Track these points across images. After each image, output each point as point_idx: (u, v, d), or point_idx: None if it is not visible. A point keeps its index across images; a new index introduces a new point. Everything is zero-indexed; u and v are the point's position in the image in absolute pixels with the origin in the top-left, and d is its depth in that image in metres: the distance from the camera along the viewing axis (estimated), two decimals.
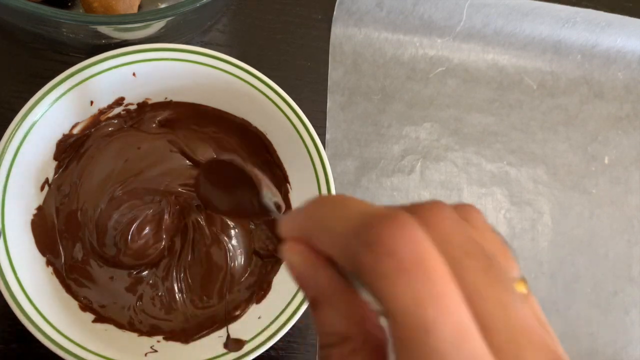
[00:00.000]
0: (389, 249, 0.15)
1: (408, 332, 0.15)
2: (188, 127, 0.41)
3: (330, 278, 0.18)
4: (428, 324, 0.15)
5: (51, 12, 0.34)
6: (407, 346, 0.15)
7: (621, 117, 0.54)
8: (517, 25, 0.52)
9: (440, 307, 0.15)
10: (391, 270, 0.15)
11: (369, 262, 0.16)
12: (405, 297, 0.15)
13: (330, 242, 0.18)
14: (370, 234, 0.16)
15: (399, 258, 0.15)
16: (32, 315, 0.33)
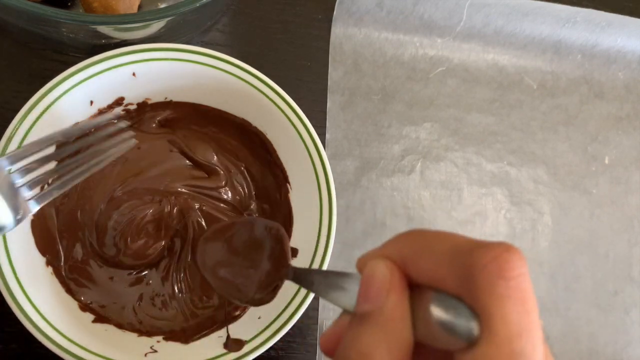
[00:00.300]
0: (503, 271, 0.17)
1: (504, 352, 0.16)
2: (188, 127, 0.41)
3: (400, 304, 0.18)
4: (524, 353, 0.16)
5: (51, 12, 0.34)
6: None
7: (621, 117, 0.54)
8: (518, 25, 0.52)
9: (534, 344, 0.17)
10: (502, 292, 0.17)
11: (483, 282, 0.17)
12: (513, 322, 0.16)
13: (435, 262, 0.18)
14: (485, 258, 0.17)
15: (511, 281, 0.17)
16: (32, 315, 0.33)
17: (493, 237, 0.49)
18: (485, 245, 0.17)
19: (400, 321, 0.18)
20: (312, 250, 0.37)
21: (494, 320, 0.17)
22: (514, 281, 0.17)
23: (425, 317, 0.18)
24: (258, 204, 0.41)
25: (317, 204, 0.38)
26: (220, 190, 0.40)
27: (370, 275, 0.19)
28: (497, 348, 0.16)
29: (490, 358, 0.16)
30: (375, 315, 0.18)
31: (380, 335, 0.18)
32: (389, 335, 0.18)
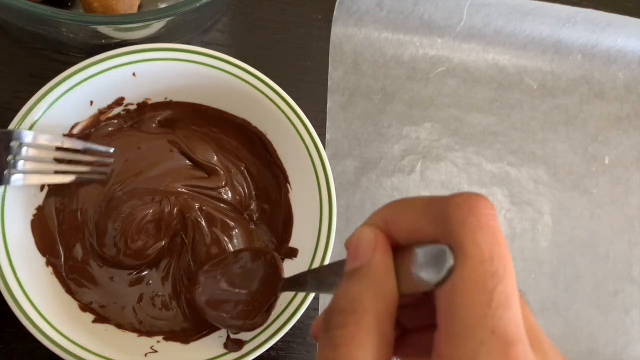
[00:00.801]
0: (473, 209, 0.19)
1: (479, 272, 0.18)
2: (188, 127, 0.41)
3: (385, 259, 0.20)
4: (497, 273, 0.18)
5: (51, 12, 0.34)
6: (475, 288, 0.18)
7: (621, 117, 0.54)
8: (518, 25, 0.52)
9: (508, 265, 0.18)
10: (474, 224, 0.18)
11: (457, 217, 0.19)
12: (485, 248, 0.18)
13: (413, 215, 0.20)
14: (457, 200, 0.19)
15: (481, 216, 0.19)
16: (32, 315, 0.33)
17: None
18: (457, 193, 0.19)
19: (386, 273, 0.20)
20: (312, 250, 0.37)
21: (466, 245, 0.18)
22: (484, 217, 0.19)
23: (407, 269, 0.20)
24: (258, 204, 0.41)
25: (317, 204, 0.38)
26: (220, 190, 0.40)
27: (357, 239, 0.21)
28: (471, 269, 0.18)
29: (466, 279, 0.18)
30: (363, 269, 0.20)
31: (367, 284, 0.20)
32: (375, 285, 0.20)
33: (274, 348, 0.39)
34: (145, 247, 0.38)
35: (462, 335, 0.17)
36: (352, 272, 0.21)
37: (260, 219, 0.41)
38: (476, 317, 0.17)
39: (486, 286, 0.18)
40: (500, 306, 0.17)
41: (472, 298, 0.18)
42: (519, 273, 0.49)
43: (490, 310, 0.17)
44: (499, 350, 0.17)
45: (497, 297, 0.17)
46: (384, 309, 0.19)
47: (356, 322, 0.19)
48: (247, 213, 0.41)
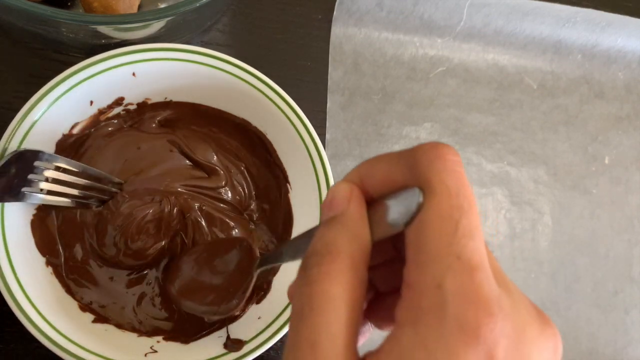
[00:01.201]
0: (440, 154, 0.20)
1: (445, 206, 0.19)
2: (188, 127, 0.41)
3: (359, 208, 0.21)
4: (462, 207, 0.19)
5: (51, 12, 0.34)
6: (442, 220, 0.19)
7: (621, 117, 0.54)
8: (518, 25, 0.52)
9: (472, 202, 0.19)
10: (441, 166, 0.20)
11: (425, 161, 0.20)
12: (451, 185, 0.19)
13: (386, 164, 0.21)
14: (425, 148, 0.20)
15: (447, 161, 0.20)
16: (32, 316, 0.33)
17: (493, 236, 0.49)
18: (425, 142, 0.21)
19: (359, 221, 0.21)
20: None
21: (434, 183, 0.19)
22: (450, 162, 0.20)
23: (380, 216, 0.21)
24: (258, 204, 0.41)
25: (317, 204, 0.38)
26: (220, 190, 0.40)
27: (332, 193, 0.22)
28: (438, 203, 0.19)
29: (433, 212, 0.19)
30: (338, 217, 0.21)
31: (342, 230, 0.21)
32: (350, 230, 0.21)
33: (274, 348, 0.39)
34: (145, 247, 0.38)
35: (429, 262, 0.18)
36: (328, 221, 0.21)
37: (260, 219, 0.41)
38: (442, 244, 0.18)
39: (452, 217, 0.19)
40: (465, 236, 0.18)
41: (439, 228, 0.19)
42: (519, 273, 0.49)
43: (456, 238, 0.18)
44: (465, 273, 0.18)
45: (462, 227, 0.18)
46: (358, 252, 0.20)
47: (331, 261, 0.20)
48: (247, 213, 0.41)
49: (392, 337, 0.19)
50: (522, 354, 0.18)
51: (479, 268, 0.18)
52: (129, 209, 0.38)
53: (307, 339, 0.19)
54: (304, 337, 0.19)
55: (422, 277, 0.18)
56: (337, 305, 0.19)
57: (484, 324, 0.17)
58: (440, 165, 0.20)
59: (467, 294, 0.18)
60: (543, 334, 0.19)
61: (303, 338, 0.19)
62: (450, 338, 0.17)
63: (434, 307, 0.18)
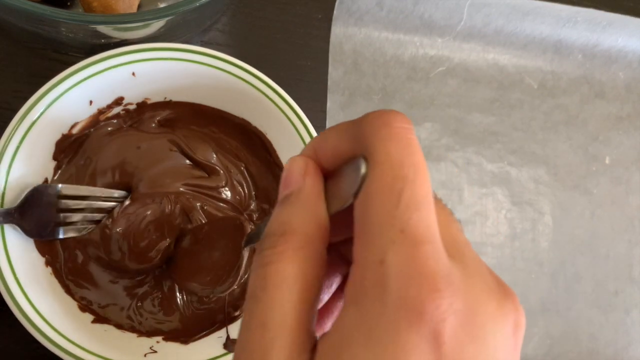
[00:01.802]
0: (387, 121, 0.19)
1: (387, 176, 0.18)
2: (187, 127, 0.41)
3: (315, 184, 0.21)
4: (407, 177, 0.18)
5: (50, 12, 0.34)
6: (383, 192, 0.18)
7: (622, 117, 0.54)
8: (518, 25, 0.52)
9: (419, 170, 0.18)
10: (385, 134, 0.19)
11: (369, 130, 0.19)
12: (394, 154, 0.18)
13: (336, 137, 0.21)
14: (372, 115, 0.19)
15: (394, 128, 0.19)
16: (31, 316, 0.33)
17: (493, 237, 0.49)
18: (375, 111, 0.20)
19: (315, 196, 0.20)
20: None
21: (377, 154, 0.18)
22: (397, 129, 0.19)
23: (333, 188, 0.21)
24: (258, 204, 0.41)
25: None
26: (220, 190, 0.40)
27: (288, 169, 0.21)
28: (379, 174, 0.18)
29: (374, 184, 0.18)
30: (294, 194, 0.20)
31: (297, 208, 0.20)
32: (304, 207, 0.20)
33: None
34: (150, 247, 0.37)
35: (372, 236, 0.18)
36: (283, 199, 0.21)
37: (260, 219, 0.41)
38: (385, 217, 0.17)
39: (394, 189, 0.18)
40: (409, 207, 0.17)
41: (381, 201, 0.18)
42: (519, 273, 0.49)
43: (399, 211, 0.17)
44: (408, 247, 0.17)
45: (406, 198, 0.17)
46: (314, 229, 0.20)
47: (285, 241, 0.19)
48: (247, 213, 0.41)
49: (338, 317, 0.18)
50: (474, 331, 0.17)
51: (425, 241, 0.17)
52: (130, 211, 0.38)
53: (258, 320, 0.18)
54: (255, 318, 0.18)
55: (366, 252, 0.18)
56: (290, 285, 0.18)
57: (428, 300, 0.16)
58: (385, 133, 0.19)
59: (411, 269, 0.17)
60: (501, 309, 0.18)
61: (254, 319, 0.18)
62: (392, 317, 0.16)
63: (377, 284, 0.17)
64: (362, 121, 0.20)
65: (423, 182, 0.18)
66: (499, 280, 0.19)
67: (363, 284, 0.17)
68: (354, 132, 0.20)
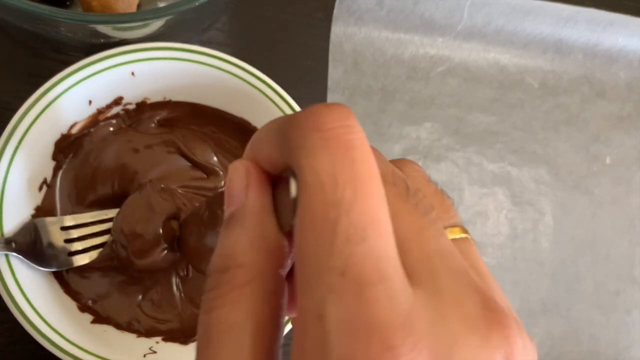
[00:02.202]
0: (316, 124, 0.15)
1: (317, 203, 0.14)
2: (187, 127, 0.41)
3: (259, 198, 0.17)
4: (342, 200, 0.14)
5: (49, 11, 0.34)
6: (315, 225, 0.14)
7: (623, 117, 0.54)
8: (519, 24, 0.52)
9: (360, 186, 0.14)
10: (315, 142, 0.14)
11: (295, 137, 0.15)
12: (323, 171, 0.14)
13: (268, 139, 0.17)
14: (299, 116, 0.15)
15: (325, 131, 0.14)
16: (30, 316, 0.33)
17: (494, 237, 0.49)
18: (305, 108, 0.15)
19: (260, 213, 0.17)
20: None
21: (303, 172, 0.14)
22: (330, 132, 0.14)
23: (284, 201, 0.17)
24: None
25: None
26: (220, 190, 0.40)
27: (229, 179, 0.17)
28: (308, 201, 0.14)
29: (304, 214, 0.14)
30: (237, 215, 0.17)
31: (241, 232, 0.16)
32: (250, 230, 0.16)
33: None
34: (146, 233, 0.36)
35: (308, 284, 0.14)
36: (226, 221, 0.17)
37: None
38: (320, 258, 0.14)
39: (327, 219, 0.14)
40: (349, 241, 0.13)
41: (314, 237, 0.14)
42: (520, 273, 0.49)
43: (335, 247, 0.13)
44: (351, 294, 0.13)
45: (343, 230, 0.14)
46: (264, 255, 0.16)
47: (228, 280, 0.16)
48: None
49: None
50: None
51: (373, 281, 0.13)
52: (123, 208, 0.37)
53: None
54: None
55: (304, 304, 0.14)
56: (238, 335, 0.15)
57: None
58: (314, 140, 0.14)
59: (355, 323, 0.13)
60: (486, 344, 0.14)
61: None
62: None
63: (316, 345, 0.14)
64: (288, 124, 0.15)
65: (367, 200, 0.14)
66: (485, 303, 0.14)
67: (303, 345, 0.14)
68: (281, 137, 0.16)
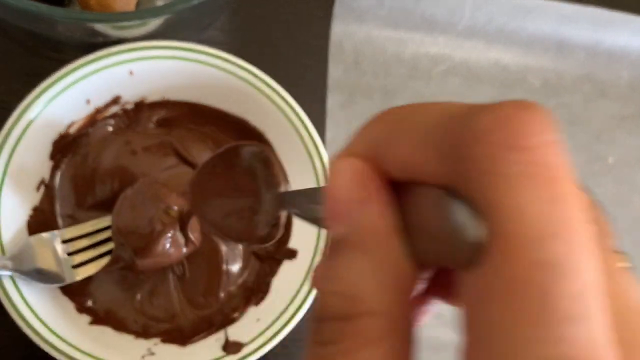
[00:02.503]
0: (513, 139, 0.10)
1: (523, 265, 0.10)
2: (185, 126, 0.41)
3: (383, 215, 0.13)
4: (554, 263, 0.10)
5: (47, 10, 0.33)
6: (515, 291, 0.10)
7: (625, 116, 0.54)
8: (520, 23, 0.51)
9: (572, 237, 0.10)
10: (515, 169, 0.10)
11: (481, 155, 0.11)
12: (532, 213, 0.10)
13: (412, 140, 0.12)
14: (483, 121, 0.11)
15: (527, 152, 0.10)
16: (29, 318, 0.33)
17: None
18: (486, 107, 0.11)
19: (388, 237, 0.13)
20: (312, 250, 0.37)
21: (502, 214, 0.10)
22: (532, 152, 0.10)
23: (417, 223, 0.13)
24: None
25: None
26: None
27: (333, 186, 0.13)
28: (510, 259, 0.10)
29: (502, 276, 0.10)
30: (352, 239, 0.13)
31: (363, 263, 0.12)
32: (376, 262, 0.12)
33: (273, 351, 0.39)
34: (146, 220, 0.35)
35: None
36: (337, 245, 0.13)
37: None
38: (521, 342, 0.10)
39: (535, 286, 0.10)
40: (564, 321, 0.10)
41: (511, 308, 0.10)
42: None
43: (547, 330, 0.10)
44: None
45: (558, 304, 0.10)
46: (399, 298, 0.12)
47: (356, 333, 0.12)
48: None
49: None
50: None
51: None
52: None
53: None
54: None
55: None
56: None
57: None
58: (513, 165, 0.10)
59: None
60: None
61: None
62: None
63: None
64: (462, 132, 0.11)
65: (582, 258, 0.10)
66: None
67: None
68: (445, 145, 0.12)
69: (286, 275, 0.38)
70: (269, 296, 0.38)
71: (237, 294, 0.38)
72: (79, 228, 0.36)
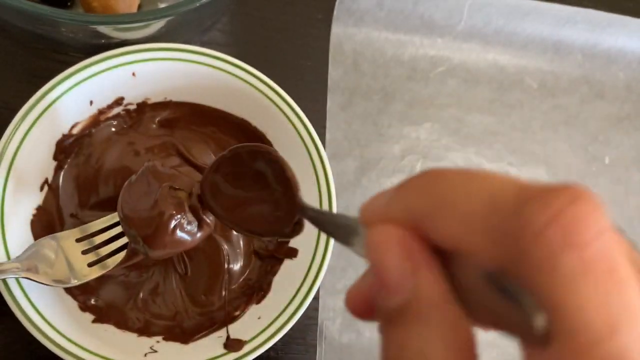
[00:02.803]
0: (571, 236, 0.11)
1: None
2: (187, 128, 0.41)
3: (435, 282, 0.13)
4: (624, 356, 0.10)
5: (50, 12, 0.34)
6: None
7: (622, 117, 0.54)
8: (518, 25, 0.52)
9: (635, 330, 0.11)
10: (574, 268, 0.11)
11: (539, 253, 0.11)
12: (596, 312, 0.11)
13: (461, 222, 0.13)
14: (542, 212, 0.11)
15: (584, 249, 0.11)
16: (31, 315, 0.33)
17: None
18: (538, 197, 0.11)
19: (444, 305, 0.13)
20: (312, 250, 0.37)
21: (567, 314, 0.11)
22: (591, 249, 0.11)
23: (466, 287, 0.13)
24: None
25: (317, 204, 0.38)
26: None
27: (377, 259, 0.14)
28: (574, 353, 0.11)
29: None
30: (412, 310, 0.13)
31: (428, 333, 0.13)
32: (441, 330, 0.13)
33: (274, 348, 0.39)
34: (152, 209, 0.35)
35: None
36: (396, 317, 0.13)
37: None
38: None
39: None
40: None
41: None
42: None
43: None
44: None
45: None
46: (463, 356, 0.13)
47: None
48: None
49: None
50: None
51: None
52: None
53: None
54: None
55: None
56: None
57: None
58: (574, 264, 0.11)
59: None
60: None
61: None
62: None
63: None
64: (519, 225, 0.11)
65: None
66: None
67: None
68: (499, 234, 0.12)
69: (287, 273, 0.38)
70: (270, 294, 0.38)
71: (239, 293, 0.39)
72: (90, 226, 0.36)
